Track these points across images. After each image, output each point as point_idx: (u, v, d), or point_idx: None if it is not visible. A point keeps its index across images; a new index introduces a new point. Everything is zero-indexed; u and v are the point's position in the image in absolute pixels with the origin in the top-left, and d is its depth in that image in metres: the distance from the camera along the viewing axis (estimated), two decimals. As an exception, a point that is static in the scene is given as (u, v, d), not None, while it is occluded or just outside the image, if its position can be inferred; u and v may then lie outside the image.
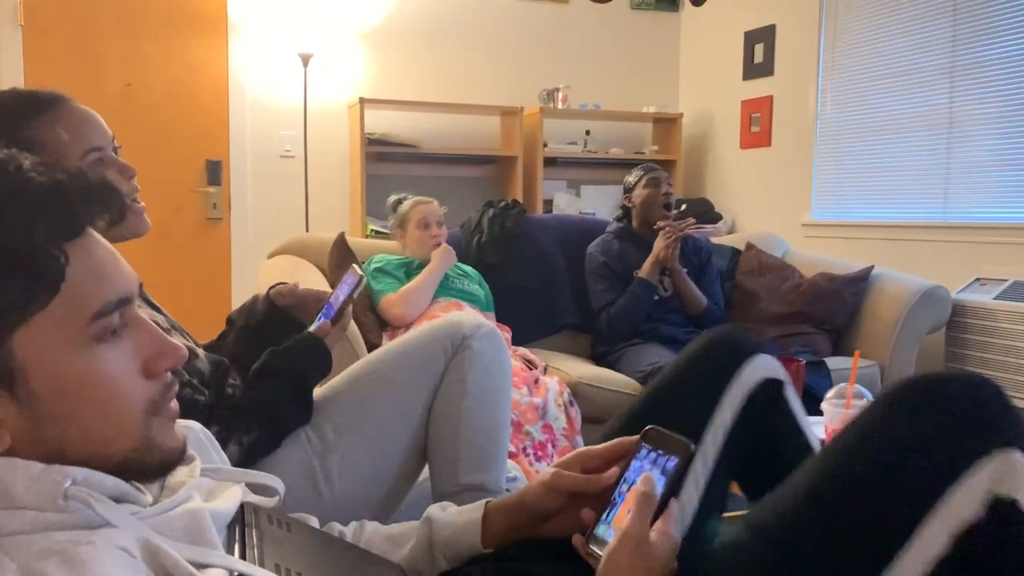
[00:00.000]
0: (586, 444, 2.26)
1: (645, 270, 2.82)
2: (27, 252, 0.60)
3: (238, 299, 4.07)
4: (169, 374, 0.70)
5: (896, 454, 0.79)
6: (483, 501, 0.94)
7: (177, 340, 0.71)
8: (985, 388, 0.81)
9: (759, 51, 4.36)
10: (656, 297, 2.87)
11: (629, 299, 2.83)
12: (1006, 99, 3.16)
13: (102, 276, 0.65)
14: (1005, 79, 3.16)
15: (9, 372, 0.61)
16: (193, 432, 0.84)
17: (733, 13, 4.56)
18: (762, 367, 1.06)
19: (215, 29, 4.10)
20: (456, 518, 0.94)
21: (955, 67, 3.34)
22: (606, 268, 2.94)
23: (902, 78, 3.58)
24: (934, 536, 0.75)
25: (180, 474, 0.73)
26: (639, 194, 2.99)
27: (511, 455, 2.08)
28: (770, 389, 1.06)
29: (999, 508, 0.75)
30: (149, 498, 0.70)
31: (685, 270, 2.90)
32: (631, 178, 3.05)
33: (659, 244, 2.81)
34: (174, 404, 0.72)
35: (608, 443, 0.91)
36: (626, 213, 3.08)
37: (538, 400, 2.31)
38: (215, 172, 4.14)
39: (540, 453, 2.20)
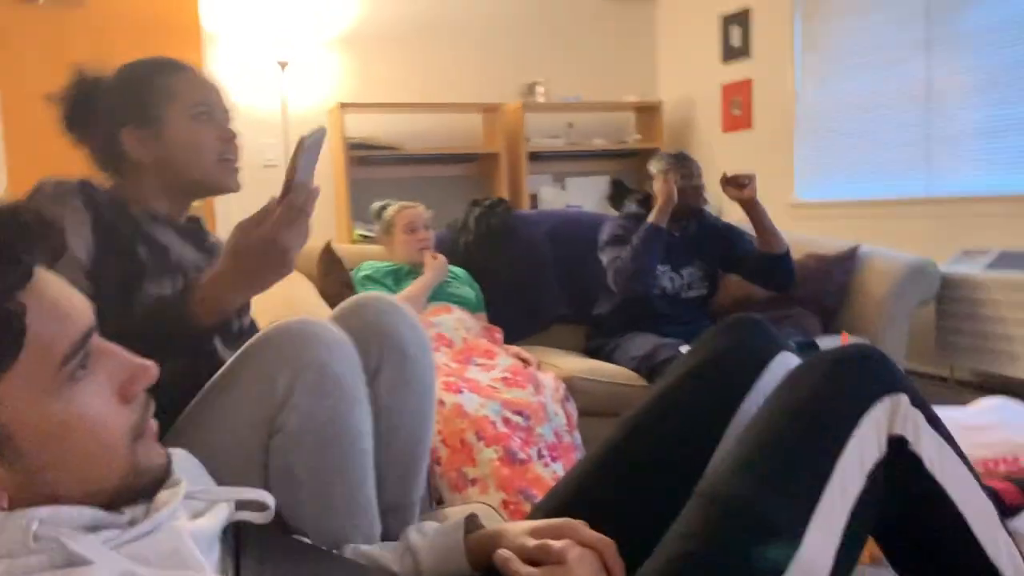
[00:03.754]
0: (584, 440, 2.28)
1: (652, 215, 2.66)
2: None
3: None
4: (143, 394, 0.69)
5: (809, 409, 0.89)
6: (459, 525, 0.92)
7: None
8: (870, 351, 0.94)
9: (736, 34, 4.36)
10: (662, 288, 2.76)
11: (636, 244, 2.65)
12: (983, 69, 3.17)
13: (61, 317, 0.63)
14: (981, 49, 3.17)
15: None
16: (179, 456, 0.84)
17: (707, -2, 4.56)
18: (785, 365, 1.04)
19: (189, 38, 4.07)
20: (439, 541, 0.91)
21: (931, 39, 3.35)
22: (619, 237, 2.77)
23: (878, 53, 3.59)
24: (852, 475, 0.84)
25: (164, 497, 0.72)
26: (660, 186, 2.73)
27: (524, 461, 2.07)
28: None
29: (894, 444, 0.88)
30: (127, 517, 0.68)
31: (707, 258, 2.79)
32: (655, 166, 2.80)
33: (659, 188, 2.68)
34: (152, 422, 0.71)
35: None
36: (644, 202, 2.88)
37: (543, 399, 2.30)
38: (198, 185, 4.12)
39: (554, 454, 2.19)
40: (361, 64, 4.43)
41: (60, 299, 0.64)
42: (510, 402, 2.19)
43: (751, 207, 2.70)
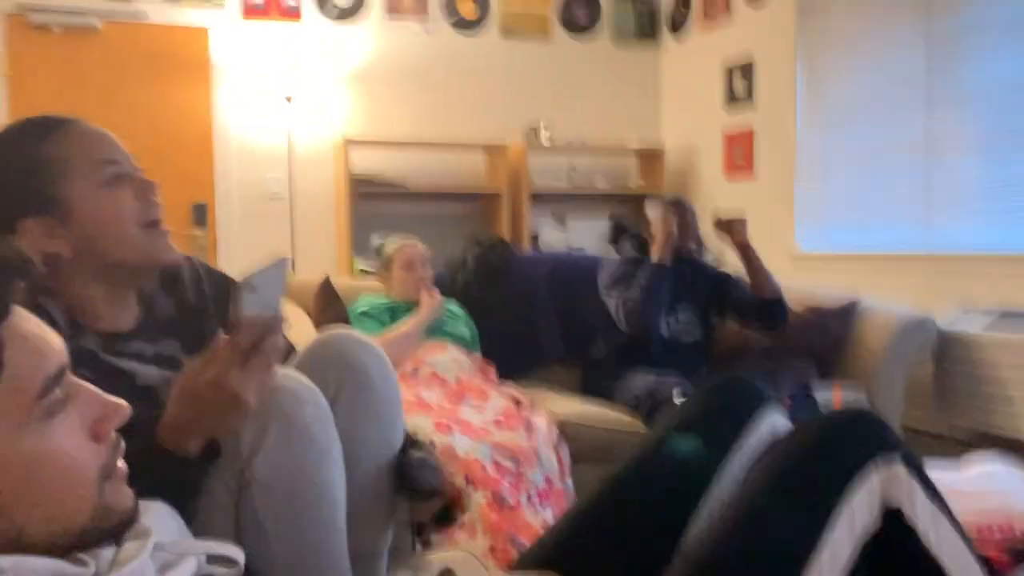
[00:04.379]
0: (576, 486, 2.25)
1: (655, 254, 2.67)
2: None
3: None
4: (115, 433, 0.69)
5: (798, 477, 0.88)
6: None
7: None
8: (863, 413, 0.93)
9: (739, 83, 4.41)
10: (666, 334, 2.74)
11: (644, 283, 2.64)
12: (983, 126, 3.19)
13: (37, 353, 0.63)
14: (981, 107, 3.19)
15: None
16: (154, 506, 0.83)
17: (712, 46, 4.61)
18: (774, 423, 1.04)
19: (199, 73, 4.12)
20: None
21: (931, 95, 3.38)
22: (622, 279, 2.77)
23: (879, 106, 3.62)
24: (841, 546, 0.83)
25: (131, 549, 0.70)
26: (660, 226, 2.74)
27: (513, 507, 2.04)
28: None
29: (888, 516, 0.86)
30: (92, 570, 0.67)
31: (693, 304, 2.78)
32: (653, 212, 2.81)
33: (659, 227, 2.68)
34: (122, 464, 0.70)
35: None
36: (641, 247, 2.87)
37: (535, 443, 2.28)
38: (201, 215, 4.14)
39: (545, 500, 2.16)
40: (368, 101, 4.48)
41: (36, 335, 0.64)
42: (501, 445, 2.17)
43: (743, 250, 2.72)
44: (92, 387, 0.68)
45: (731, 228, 2.70)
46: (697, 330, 2.84)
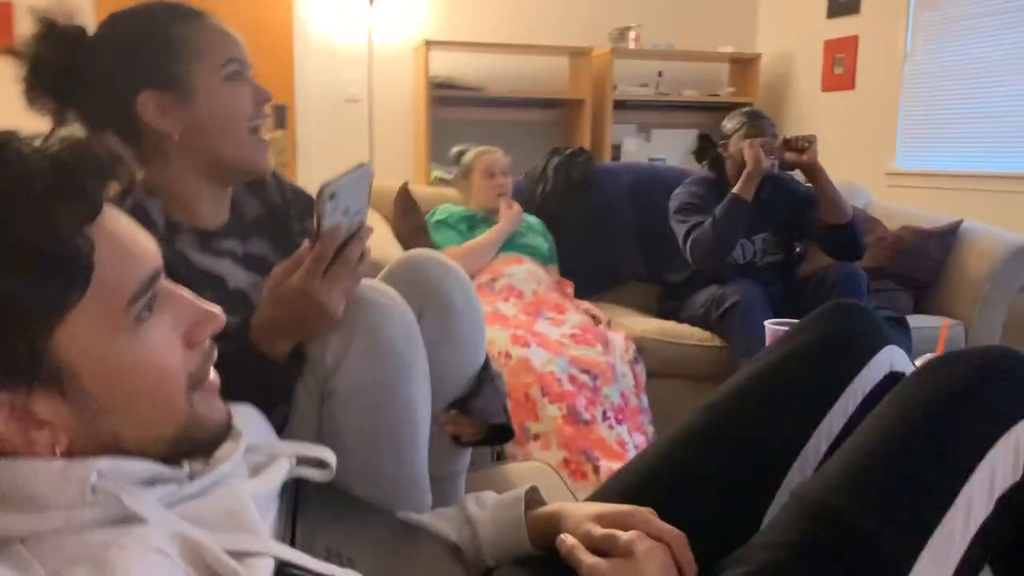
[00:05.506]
0: (652, 402, 2.22)
1: (738, 185, 2.44)
2: (52, 246, 0.56)
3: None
4: (208, 341, 0.68)
5: (937, 424, 0.79)
6: (520, 498, 0.87)
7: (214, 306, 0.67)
8: (1015, 358, 0.83)
9: (846, -14, 4.11)
10: (732, 259, 2.57)
11: (716, 217, 2.45)
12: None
13: (129, 256, 0.61)
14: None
15: (57, 375, 0.58)
16: (244, 409, 0.82)
17: (818, -54, 4.29)
18: (894, 360, 0.94)
19: (280, -30, 4.05)
20: (500, 515, 0.87)
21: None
22: (692, 206, 2.60)
23: (1004, 16, 3.31)
24: (979, 502, 0.75)
25: (224, 450, 0.70)
26: (738, 144, 2.57)
27: (588, 422, 2.03)
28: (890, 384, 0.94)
29: None
30: (186, 471, 0.67)
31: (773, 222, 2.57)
32: (729, 124, 2.63)
33: (748, 154, 2.45)
34: (213, 375, 0.69)
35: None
36: (715, 164, 2.70)
37: (611, 359, 2.25)
38: (281, 116, 4.14)
39: (620, 416, 2.14)
40: (449, 1, 4.34)
41: (128, 238, 0.62)
42: (578, 359, 2.15)
43: (812, 172, 2.47)
44: (187, 292, 0.67)
45: (799, 146, 2.46)
46: (777, 251, 2.66)
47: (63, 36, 1.03)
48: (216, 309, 0.67)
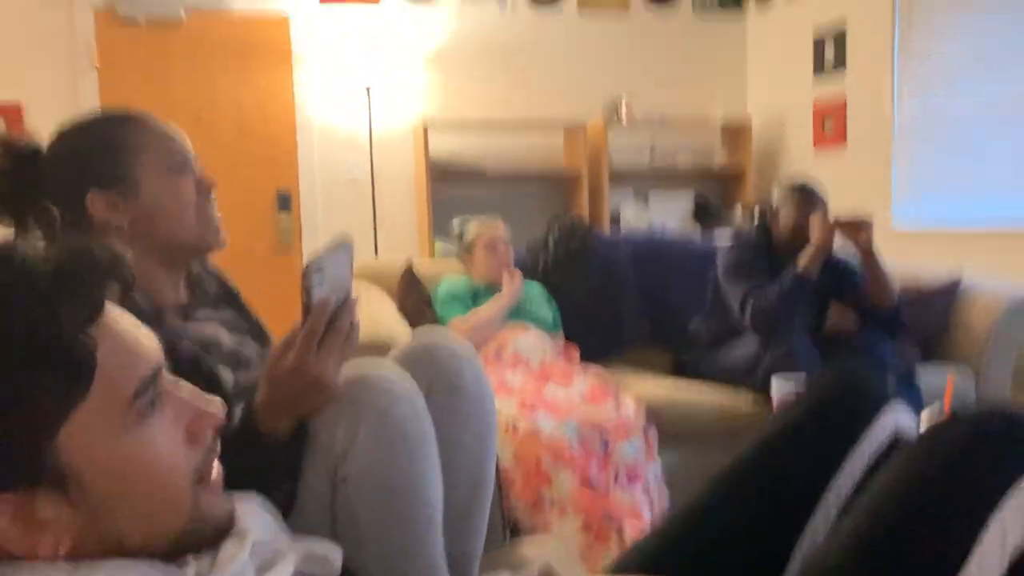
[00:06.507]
0: (665, 467, 2.20)
1: (803, 263, 2.45)
2: (56, 344, 0.57)
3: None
4: (211, 436, 0.68)
5: (943, 487, 0.80)
6: None
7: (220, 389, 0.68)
8: (1015, 417, 0.84)
9: (829, 48, 4.21)
10: None
11: (782, 289, 2.44)
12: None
13: (131, 354, 0.62)
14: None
15: (61, 476, 0.58)
16: (249, 502, 0.82)
17: (800, 11, 4.42)
18: (897, 419, 0.96)
19: (281, 61, 4.18)
20: None
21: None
22: (742, 270, 2.60)
23: (984, 69, 3.37)
24: (990, 565, 0.75)
25: (229, 550, 0.70)
26: (788, 215, 2.62)
27: (602, 486, 2.01)
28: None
29: None
30: (192, 573, 0.67)
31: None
32: (781, 195, 2.68)
33: (816, 232, 2.46)
34: (217, 470, 0.69)
35: None
36: (762, 231, 2.73)
37: (624, 413, 2.23)
38: (286, 201, 4.21)
39: (631, 475, 2.12)
40: (445, 83, 4.46)
41: (130, 335, 0.63)
42: (588, 420, 2.13)
43: (867, 256, 2.51)
44: (188, 386, 0.67)
45: (857, 231, 2.48)
46: (810, 315, 2.64)
47: (18, 152, 1.14)
48: (215, 402, 0.67)
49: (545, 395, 2.27)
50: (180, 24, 4.02)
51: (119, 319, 0.63)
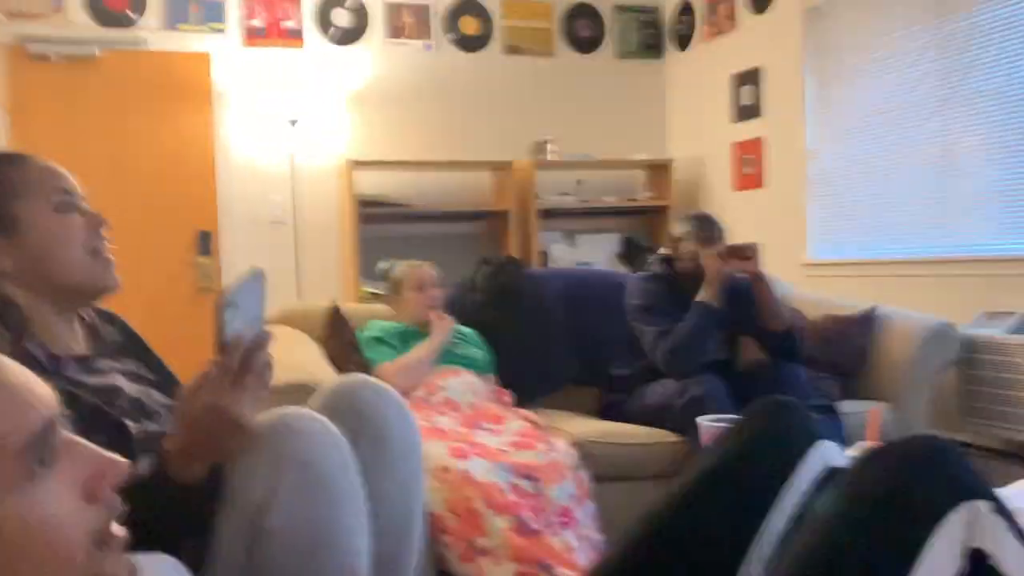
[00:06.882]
0: (598, 507, 2.18)
1: (702, 294, 2.52)
2: None
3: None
4: (113, 495, 0.63)
5: (872, 521, 0.81)
6: None
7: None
8: (941, 447, 0.86)
9: (747, 93, 4.36)
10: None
11: (688, 324, 2.50)
12: (1001, 130, 3.13)
13: (20, 406, 0.57)
14: (998, 110, 3.14)
15: None
16: (159, 563, 0.77)
17: (717, 57, 4.58)
18: (827, 454, 0.96)
19: (201, 99, 4.10)
20: None
21: (947, 99, 3.33)
22: (650, 306, 2.66)
23: (893, 113, 3.56)
24: None
25: None
26: (687, 247, 2.67)
27: (537, 532, 1.98)
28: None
29: (974, 558, 0.79)
30: None
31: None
32: (680, 228, 2.73)
33: (709, 263, 2.53)
34: (119, 530, 0.64)
35: None
36: (665, 262, 2.78)
37: (556, 457, 2.22)
38: (206, 242, 4.10)
39: (565, 520, 2.09)
40: (372, 122, 4.44)
41: (19, 387, 0.58)
42: (520, 464, 2.11)
43: (755, 279, 2.58)
44: (86, 442, 0.62)
45: (743, 255, 2.56)
46: (723, 350, 2.71)
47: None
48: (118, 459, 0.62)
49: (476, 438, 2.24)
50: (95, 62, 3.90)
51: (8, 370, 0.58)
